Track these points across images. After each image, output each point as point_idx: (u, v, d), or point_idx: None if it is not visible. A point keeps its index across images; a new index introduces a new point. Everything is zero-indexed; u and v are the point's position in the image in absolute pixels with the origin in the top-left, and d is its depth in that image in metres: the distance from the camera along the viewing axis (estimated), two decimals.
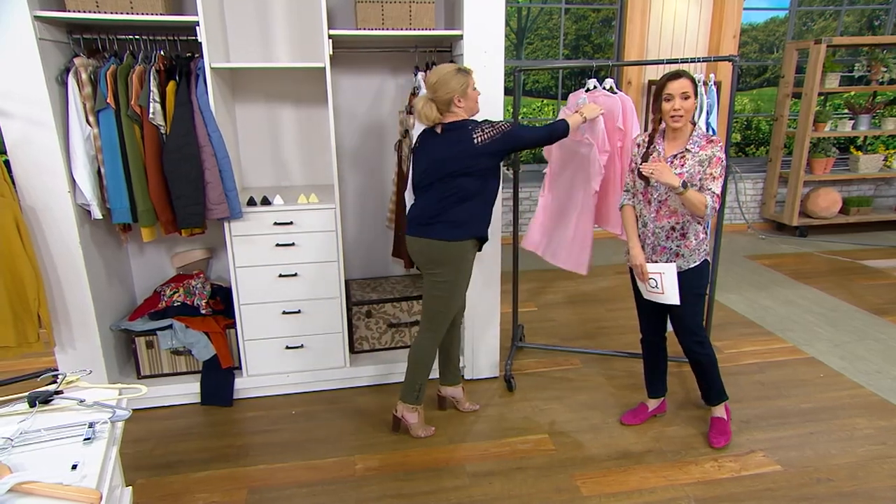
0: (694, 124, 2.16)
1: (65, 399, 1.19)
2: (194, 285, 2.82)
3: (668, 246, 2.22)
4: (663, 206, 2.19)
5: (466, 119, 2.20)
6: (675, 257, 2.22)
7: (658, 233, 2.22)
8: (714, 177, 2.10)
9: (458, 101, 2.15)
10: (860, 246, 5.14)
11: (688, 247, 2.20)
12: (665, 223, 2.20)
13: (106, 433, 1.09)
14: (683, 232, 2.19)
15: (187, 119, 2.39)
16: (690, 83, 2.05)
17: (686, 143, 2.14)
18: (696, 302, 2.25)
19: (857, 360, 3.08)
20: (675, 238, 2.21)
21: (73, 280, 2.41)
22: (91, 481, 0.95)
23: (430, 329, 2.36)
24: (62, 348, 2.49)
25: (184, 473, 2.26)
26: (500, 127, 2.17)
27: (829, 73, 5.02)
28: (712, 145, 2.11)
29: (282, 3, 2.74)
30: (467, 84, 2.15)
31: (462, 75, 2.14)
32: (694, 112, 2.14)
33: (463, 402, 2.65)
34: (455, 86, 2.13)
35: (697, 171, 2.11)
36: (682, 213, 2.16)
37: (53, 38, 2.26)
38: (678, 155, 2.14)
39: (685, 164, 2.12)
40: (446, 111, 2.18)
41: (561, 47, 5.39)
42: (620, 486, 2.17)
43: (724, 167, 2.11)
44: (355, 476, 2.24)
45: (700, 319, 2.29)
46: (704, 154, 2.10)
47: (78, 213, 2.37)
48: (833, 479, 2.18)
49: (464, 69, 2.17)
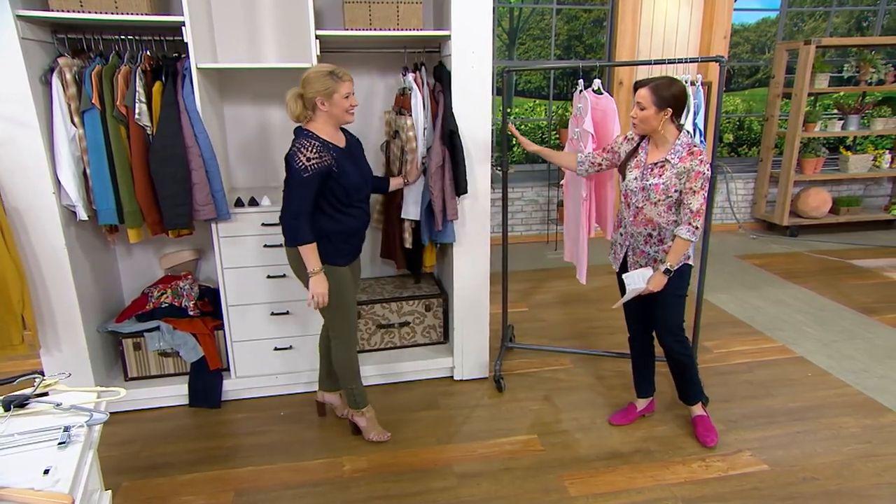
0: (679, 129, 2.13)
1: (41, 403, 1.17)
2: (182, 287, 2.80)
3: (646, 251, 2.24)
4: (640, 213, 2.19)
5: (310, 131, 2.08)
6: (654, 262, 2.23)
7: (636, 236, 2.24)
8: (694, 191, 2.07)
9: (321, 104, 2.05)
10: (850, 245, 5.17)
11: (665, 252, 2.20)
12: (642, 229, 2.21)
13: (82, 437, 1.08)
14: (661, 238, 2.20)
15: (174, 120, 2.37)
16: (649, 94, 2.03)
17: (667, 152, 2.11)
18: (677, 303, 2.26)
19: (844, 359, 3.10)
20: (653, 244, 2.22)
21: (58, 282, 2.39)
22: (64, 486, 0.94)
23: (335, 337, 2.33)
24: (48, 350, 2.47)
25: (170, 476, 2.25)
26: (295, 164, 2.00)
27: (818, 74, 5.05)
28: (692, 157, 2.06)
29: (269, 3, 2.73)
30: (335, 90, 2.03)
31: (331, 79, 2.03)
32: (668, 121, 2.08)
33: (341, 408, 2.58)
34: (319, 87, 2.02)
35: (674, 184, 2.09)
36: (658, 222, 2.17)
37: (37, 37, 2.24)
38: (658, 164, 2.13)
39: (663, 174, 2.11)
40: (311, 111, 2.08)
41: (552, 48, 5.39)
42: (608, 486, 2.17)
43: (705, 179, 2.06)
44: (343, 477, 2.23)
45: (681, 320, 2.30)
46: (683, 167, 2.07)
47: (63, 214, 2.36)
48: (819, 477, 2.19)
49: (338, 73, 2.05)
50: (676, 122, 2.13)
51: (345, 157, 2.12)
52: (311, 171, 2.01)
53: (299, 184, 2.02)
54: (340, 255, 2.20)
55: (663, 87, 2.04)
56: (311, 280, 2.13)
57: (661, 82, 2.05)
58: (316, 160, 2.02)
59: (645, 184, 2.14)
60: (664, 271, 2.13)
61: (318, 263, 2.12)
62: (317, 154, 2.03)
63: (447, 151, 2.54)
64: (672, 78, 2.09)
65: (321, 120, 2.10)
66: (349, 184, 2.11)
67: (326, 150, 2.06)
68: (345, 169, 2.10)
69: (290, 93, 2.08)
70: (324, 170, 2.04)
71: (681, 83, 2.08)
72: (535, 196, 5.35)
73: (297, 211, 2.05)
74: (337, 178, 2.08)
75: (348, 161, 2.13)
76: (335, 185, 2.09)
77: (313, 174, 2.02)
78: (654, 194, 2.12)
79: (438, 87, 2.64)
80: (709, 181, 2.09)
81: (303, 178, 2.01)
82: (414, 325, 3.00)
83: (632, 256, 2.28)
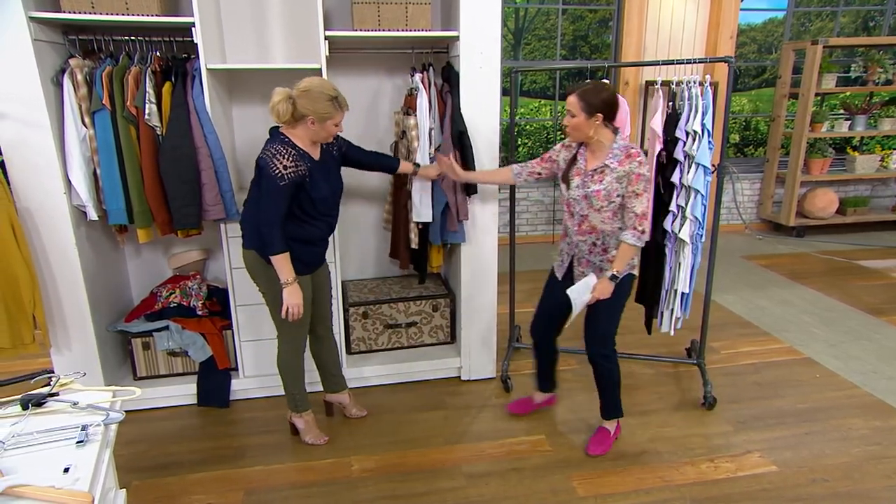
0: (615, 133, 2.12)
1: (58, 402, 1.18)
2: (191, 286, 2.81)
3: (591, 260, 2.23)
4: (584, 221, 2.18)
5: (288, 138, 2.04)
6: (599, 272, 2.21)
7: (581, 245, 2.23)
8: (637, 194, 2.06)
9: (311, 123, 2.01)
10: (856, 246, 5.15)
11: (610, 261, 2.18)
12: (587, 238, 2.20)
13: (99, 436, 1.09)
14: (605, 247, 2.19)
15: (183, 120, 2.39)
16: (577, 101, 2.03)
17: (606, 157, 2.10)
18: (613, 313, 2.22)
19: (852, 361, 3.09)
20: (597, 253, 2.21)
21: (69, 281, 2.41)
22: (83, 484, 0.95)
23: (284, 341, 2.31)
24: (58, 350, 2.49)
25: (180, 475, 2.26)
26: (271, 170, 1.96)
27: (825, 74, 5.03)
28: (630, 160, 2.05)
29: (278, 4, 2.74)
30: (331, 117, 2.01)
31: (332, 105, 2.00)
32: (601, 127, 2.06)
33: (350, 407, 2.61)
34: (318, 108, 1.98)
35: (615, 189, 2.07)
36: (602, 230, 2.16)
37: (49, 38, 2.26)
38: (598, 170, 2.11)
39: (603, 179, 2.09)
40: (295, 121, 2.02)
41: (558, 48, 5.39)
42: (616, 486, 2.17)
43: (646, 181, 2.06)
44: (351, 477, 2.24)
45: (613, 331, 2.26)
46: (622, 170, 2.05)
47: (74, 214, 2.37)
48: (828, 479, 2.19)
49: (340, 101, 2.02)
50: (611, 127, 2.11)
51: (317, 170, 2.09)
52: (286, 180, 1.97)
53: (275, 192, 1.98)
54: (299, 262, 2.14)
55: (591, 93, 2.02)
56: (286, 291, 2.10)
57: (589, 88, 2.04)
58: (292, 168, 1.98)
59: (586, 191, 2.12)
60: (610, 277, 2.11)
61: (291, 274, 2.08)
62: (293, 163, 1.99)
63: (457, 152, 2.54)
64: (600, 83, 2.08)
65: (302, 131, 2.05)
66: (317, 196, 2.09)
67: (302, 160, 2.02)
68: (316, 181, 2.07)
69: (279, 93, 1.99)
70: (298, 179, 2.01)
71: (610, 88, 2.07)
72: (540, 196, 5.35)
73: (271, 220, 2.01)
74: (308, 189, 2.05)
75: (320, 174, 2.11)
76: (304, 196, 2.06)
77: (289, 183, 1.98)
78: (597, 201, 2.10)
79: (446, 88, 2.65)
80: (650, 182, 2.08)
81: (279, 186, 1.97)
82: (421, 325, 3.01)
83: (577, 267, 2.27)
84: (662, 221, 2.57)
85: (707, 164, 2.45)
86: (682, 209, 2.52)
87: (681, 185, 2.50)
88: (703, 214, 2.52)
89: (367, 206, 3.17)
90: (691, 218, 2.50)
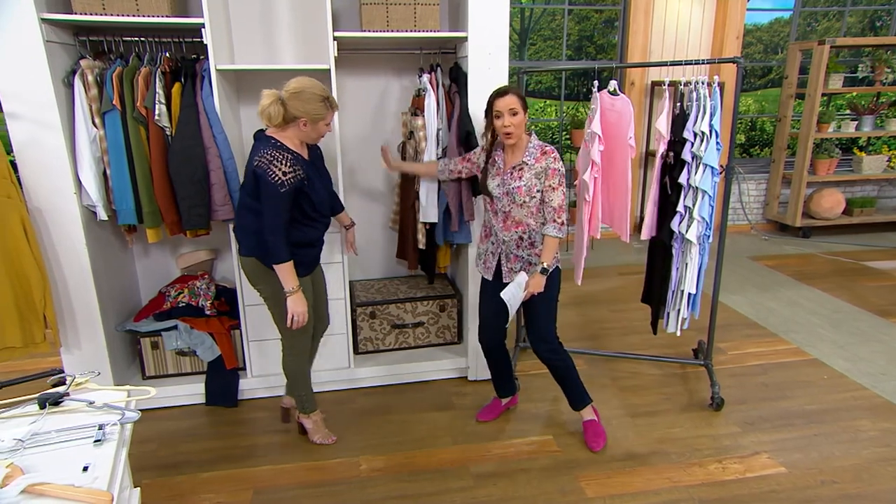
0: (529, 135, 2.21)
1: (74, 401, 1.19)
2: (199, 286, 2.83)
3: (519, 255, 2.26)
4: (508, 218, 2.23)
5: (280, 142, 2.00)
6: (528, 265, 2.25)
7: (507, 242, 2.26)
8: (553, 188, 2.15)
9: (302, 124, 1.98)
10: (863, 247, 5.14)
11: (538, 255, 2.24)
12: (513, 233, 2.23)
13: (115, 435, 1.09)
14: (531, 241, 2.24)
15: (193, 121, 2.40)
16: (517, 99, 2.11)
17: (523, 155, 2.17)
18: (549, 308, 2.28)
19: (860, 362, 3.08)
20: (524, 247, 2.25)
21: (78, 281, 2.42)
22: (102, 483, 0.96)
23: (288, 346, 2.30)
24: (68, 349, 2.50)
25: (189, 474, 2.27)
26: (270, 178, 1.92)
27: (832, 74, 5.02)
28: (546, 157, 2.15)
29: (286, 5, 2.75)
30: (322, 117, 1.99)
31: (324, 106, 1.98)
32: (525, 124, 2.17)
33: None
34: (310, 109, 1.95)
35: (534, 184, 2.16)
36: (528, 224, 2.21)
37: (60, 40, 2.27)
38: (517, 167, 2.18)
39: (523, 176, 2.17)
40: (286, 123, 1.99)
41: (564, 48, 5.39)
42: (625, 487, 2.17)
43: (561, 176, 2.15)
44: (360, 477, 2.24)
45: (553, 325, 2.31)
46: (539, 166, 2.15)
47: (84, 214, 2.38)
48: (838, 481, 2.18)
49: (331, 102, 2.00)
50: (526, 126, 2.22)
51: (312, 171, 2.07)
52: (287, 186, 1.94)
53: (277, 199, 1.94)
54: (300, 265, 2.12)
55: (519, 90, 2.14)
56: (290, 300, 2.08)
57: (516, 87, 2.18)
58: (291, 174, 1.95)
59: (508, 188, 2.19)
60: (541, 271, 2.16)
61: (295, 282, 2.06)
62: (291, 167, 1.95)
63: (464, 152, 2.55)
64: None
65: (292, 133, 2.02)
66: (317, 198, 2.07)
67: (299, 163, 1.99)
68: (313, 183, 2.06)
69: (268, 95, 1.95)
70: (297, 183, 1.97)
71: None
72: None
73: (275, 227, 1.97)
74: (308, 191, 2.03)
75: (315, 175, 2.09)
76: (304, 199, 2.03)
77: (290, 188, 1.95)
78: (519, 196, 2.17)
79: (454, 88, 2.65)
80: (564, 177, 2.18)
81: (280, 193, 1.93)
82: (428, 325, 3.01)
83: (506, 264, 2.29)
84: (669, 222, 2.57)
85: (715, 164, 2.45)
86: (689, 210, 2.52)
87: (688, 186, 2.50)
88: (710, 215, 2.52)
89: (374, 206, 3.17)
90: (698, 219, 2.50)
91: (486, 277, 2.37)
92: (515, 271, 2.26)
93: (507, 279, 2.29)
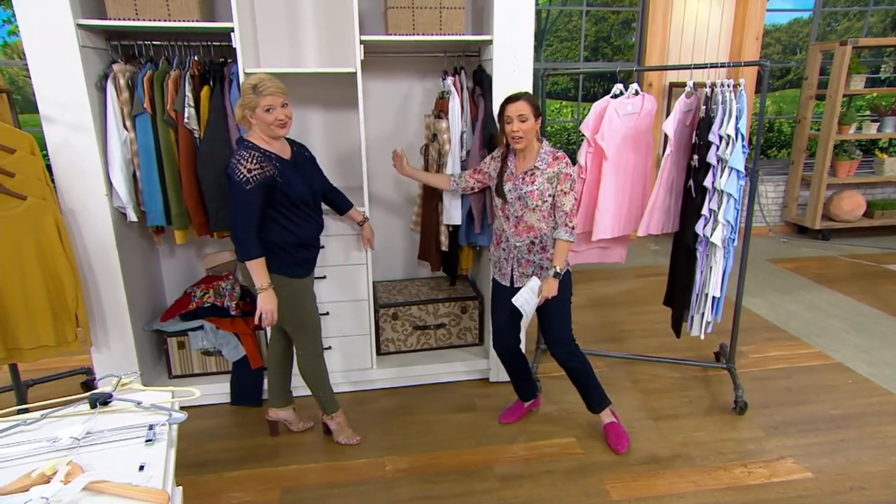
0: (541, 141, 2.21)
1: (122, 401, 1.22)
2: (224, 287, 2.86)
3: (531, 259, 2.27)
4: (521, 222, 2.23)
5: (250, 142, 2.03)
6: (540, 270, 2.26)
7: (519, 247, 2.26)
8: (565, 192, 2.16)
9: (249, 117, 2.02)
10: (885, 250, 5.08)
11: (549, 259, 2.24)
12: (524, 238, 2.24)
13: (165, 435, 1.12)
14: (543, 245, 2.24)
15: (221, 123, 2.43)
16: (528, 105, 2.11)
17: (535, 160, 2.18)
18: (563, 312, 2.29)
19: (886, 367, 3.05)
20: (536, 251, 2.25)
21: (108, 281, 2.46)
22: (157, 482, 0.98)
23: (300, 349, 2.31)
24: (97, 348, 2.54)
25: (218, 472, 2.30)
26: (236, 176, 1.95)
27: (854, 75, 4.97)
28: (558, 162, 2.17)
29: (311, 8, 2.78)
30: (256, 104, 1.97)
31: (253, 93, 1.97)
32: (537, 130, 2.18)
33: (296, 422, 2.54)
34: (243, 101, 2.00)
35: (547, 188, 2.17)
36: (539, 228, 2.21)
37: (94, 45, 2.31)
38: (528, 172, 2.19)
39: (535, 181, 2.18)
40: (249, 122, 2.05)
41: (581, 49, 5.38)
42: (650, 490, 2.17)
43: (573, 181, 2.17)
44: (385, 477, 2.26)
45: (568, 328, 2.32)
46: (552, 171, 2.16)
47: (115, 215, 2.42)
48: (866, 487, 2.17)
49: (260, 88, 1.96)
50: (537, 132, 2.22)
51: (290, 169, 2.08)
52: (253, 183, 1.96)
53: (242, 196, 1.97)
54: (296, 265, 2.16)
55: (532, 97, 2.15)
56: (260, 296, 2.07)
57: (529, 93, 2.18)
58: (257, 171, 1.97)
59: (520, 193, 2.20)
60: (554, 275, 2.16)
61: (265, 279, 2.07)
62: (258, 165, 1.97)
63: (487, 154, 2.55)
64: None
65: (257, 130, 2.05)
66: (295, 195, 2.07)
67: (268, 160, 2.01)
68: (289, 179, 2.06)
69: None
70: (267, 180, 1.99)
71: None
72: None
73: (243, 225, 2.00)
74: (282, 188, 2.04)
75: (294, 172, 2.09)
76: (280, 196, 2.05)
77: (256, 185, 1.97)
78: (531, 201, 2.19)
79: (478, 91, 2.66)
80: (575, 182, 2.19)
81: (245, 190, 1.96)
82: (450, 326, 3.03)
83: (517, 269, 2.30)
84: (694, 225, 2.57)
85: (741, 167, 2.44)
86: (714, 213, 2.51)
87: (713, 190, 2.50)
88: (735, 218, 2.51)
89: (395, 208, 3.19)
90: (723, 222, 2.49)
91: (503, 283, 2.37)
92: (528, 276, 2.27)
93: (518, 284, 2.30)
